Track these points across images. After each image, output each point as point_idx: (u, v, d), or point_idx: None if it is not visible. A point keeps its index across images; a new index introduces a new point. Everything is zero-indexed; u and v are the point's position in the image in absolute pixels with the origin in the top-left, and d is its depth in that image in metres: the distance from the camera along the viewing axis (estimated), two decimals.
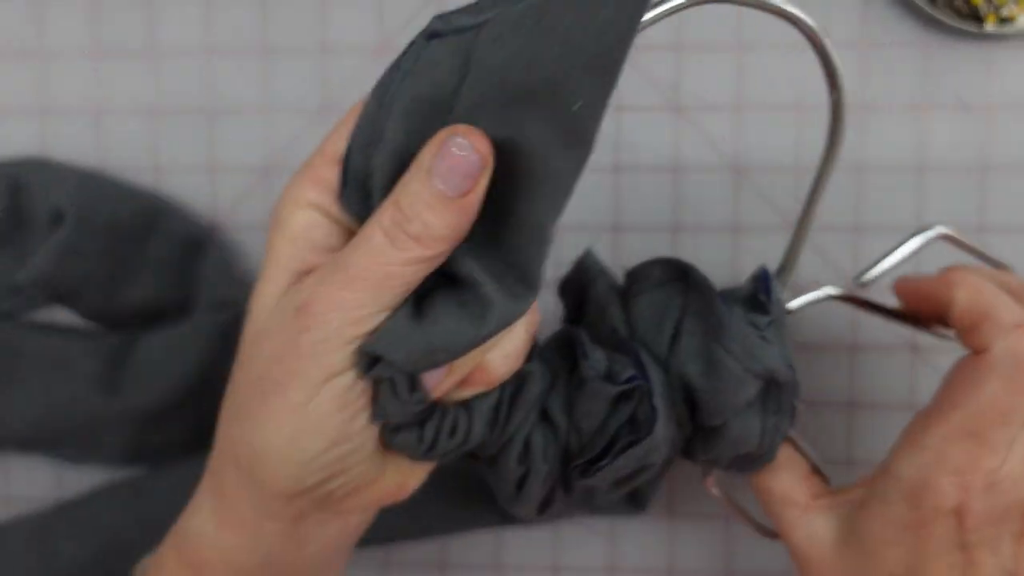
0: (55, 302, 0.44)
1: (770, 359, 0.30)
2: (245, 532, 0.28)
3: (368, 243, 0.25)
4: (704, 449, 0.32)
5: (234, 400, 0.28)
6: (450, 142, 0.24)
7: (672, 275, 0.32)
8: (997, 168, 0.43)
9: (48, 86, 0.46)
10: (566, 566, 0.46)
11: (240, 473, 0.27)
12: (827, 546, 0.32)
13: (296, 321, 0.25)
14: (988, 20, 0.41)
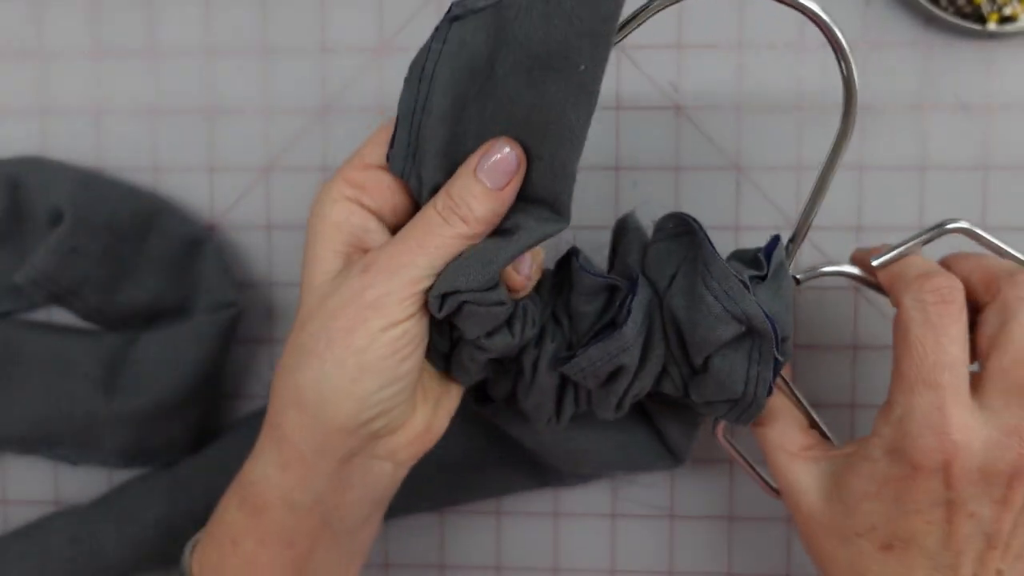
0: (54, 302, 0.44)
1: (747, 304, 0.32)
2: (303, 470, 0.32)
3: (425, 220, 0.31)
4: (697, 391, 0.35)
5: (297, 353, 0.32)
6: (494, 147, 0.31)
7: (682, 228, 0.36)
8: (997, 168, 0.43)
9: (48, 86, 0.46)
10: (566, 567, 0.46)
11: (303, 414, 0.32)
12: (813, 495, 0.35)
13: (361, 279, 0.31)
14: (990, 19, 0.41)
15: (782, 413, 0.37)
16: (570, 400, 0.36)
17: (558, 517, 0.46)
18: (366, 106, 0.45)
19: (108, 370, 0.44)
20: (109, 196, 0.43)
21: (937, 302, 0.32)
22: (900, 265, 0.34)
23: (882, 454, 0.32)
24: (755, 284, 0.34)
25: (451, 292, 0.31)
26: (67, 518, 0.44)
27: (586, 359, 0.34)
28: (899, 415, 0.32)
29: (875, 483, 0.33)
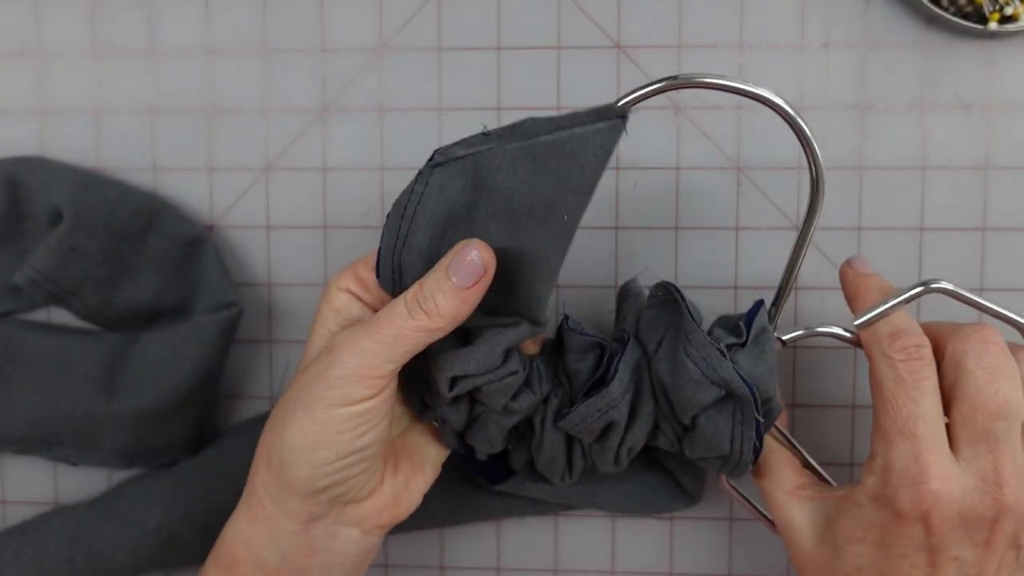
0: (53, 302, 0.44)
1: (723, 370, 0.34)
2: (267, 528, 0.35)
3: (392, 309, 0.33)
4: (689, 447, 0.37)
5: (277, 415, 0.35)
6: (466, 250, 0.33)
7: (668, 296, 0.37)
8: (997, 168, 0.42)
9: (48, 86, 0.46)
10: (566, 568, 0.46)
11: (269, 471, 0.34)
12: (806, 534, 0.37)
13: (326, 358, 0.33)
14: (991, 19, 0.40)
15: (777, 455, 0.39)
16: (578, 455, 0.38)
17: (558, 518, 0.46)
18: (366, 106, 0.45)
19: (108, 370, 0.44)
20: (109, 196, 0.43)
21: (905, 359, 0.34)
22: (877, 324, 0.36)
23: (867, 501, 0.34)
24: (735, 350, 0.36)
25: (462, 376, 0.34)
26: (65, 517, 0.44)
27: (578, 415, 0.36)
28: (880, 465, 0.34)
29: (861, 528, 0.34)
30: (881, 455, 0.34)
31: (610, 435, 0.37)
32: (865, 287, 0.37)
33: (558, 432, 0.37)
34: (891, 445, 0.33)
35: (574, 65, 0.44)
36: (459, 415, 0.36)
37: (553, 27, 0.44)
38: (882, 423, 0.34)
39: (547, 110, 0.44)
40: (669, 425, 0.37)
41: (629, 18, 0.43)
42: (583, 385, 0.37)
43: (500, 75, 0.44)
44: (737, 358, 0.35)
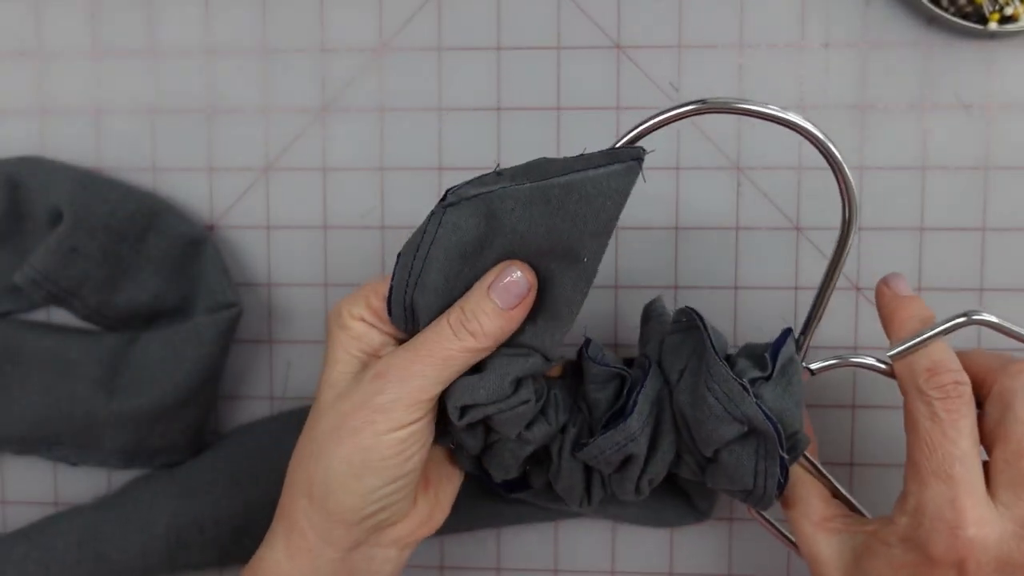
0: (53, 302, 0.44)
1: (746, 407, 0.33)
2: (309, 559, 0.34)
3: (437, 332, 0.33)
4: (712, 479, 0.36)
5: (311, 445, 0.34)
6: (508, 271, 0.33)
7: (691, 323, 0.36)
8: (997, 168, 0.42)
9: (48, 86, 0.46)
10: (566, 568, 0.46)
11: (312, 504, 0.34)
12: (833, 568, 0.36)
13: (372, 384, 0.33)
14: (991, 19, 0.40)
15: (805, 484, 0.38)
16: (597, 483, 0.37)
17: (558, 518, 0.45)
18: (366, 106, 0.45)
19: (108, 370, 0.44)
20: (108, 196, 0.43)
21: (943, 397, 0.33)
22: (913, 357, 0.34)
23: (897, 541, 0.33)
24: (760, 384, 0.34)
25: (471, 405, 0.34)
26: (72, 520, 0.44)
27: (596, 448, 0.35)
28: (913, 506, 0.33)
29: (891, 568, 0.33)
30: (914, 495, 0.33)
31: (629, 467, 0.36)
32: (902, 314, 0.36)
33: (576, 461, 0.37)
34: (925, 486, 0.32)
35: (574, 65, 0.44)
36: (475, 441, 0.36)
37: (553, 27, 0.44)
38: (916, 461, 0.33)
39: (547, 110, 0.44)
40: (691, 456, 0.36)
41: (629, 18, 0.43)
42: (603, 415, 0.36)
43: (500, 75, 0.44)
44: (762, 392, 0.34)
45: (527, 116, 0.44)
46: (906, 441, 0.34)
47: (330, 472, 0.33)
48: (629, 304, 0.44)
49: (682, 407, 0.35)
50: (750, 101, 0.33)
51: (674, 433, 0.36)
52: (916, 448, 0.33)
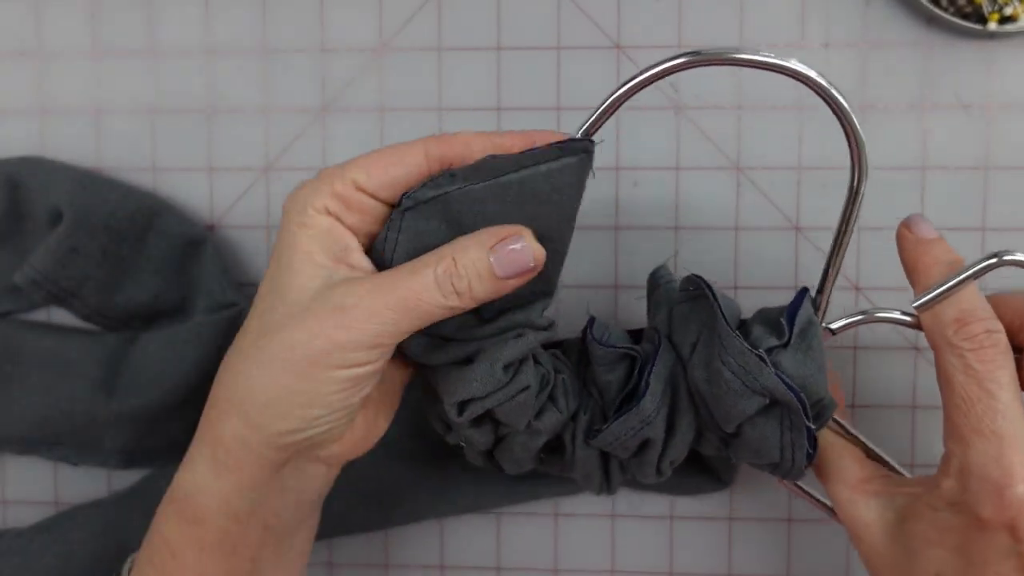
0: (53, 302, 0.44)
1: (765, 378, 0.31)
2: (240, 476, 0.32)
3: (419, 280, 0.30)
4: (736, 454, 0.35)
5: (248, 362, 0.32)
6: (518, 239, 0.30)
7: (699, 291, 0.34)
8: (997, 168, 0.42)
9: (48, 86, 0.46)
10: (566, 567, 0.46)
11: (246, 423, 0.31)
12: (875, 532, 0.34)
13: (333, 317, 0.30)
14: (991, 19, 0.41)
15: (836, 447, 0.36)
16: (616, 468, 0.36)
17: (558, 518, 0.46)
18: (366, 106, 0.45)
19: (108, 370, 0.44)
20: (108, 196, 0.43)
21: (975, 348, 0.30)
22: (939, 307, 0.32)
23: (944, 505, 0.31)
24: (778, 351, 0.32)
25: (468, 400, 0.32)
26: (90, 513, 0.44)
27: (610, 434, 0.34)
28: (957, 467, 0.31)
29: (937, 532, 0.31)
30: (957, 456, 0.31)
31: (648, 451, 0.34)
32: (926, 259, 0.33)
33: (591, 449, 0.35)
34: (967, 445, 0.30)
35: (574, 65, 0.44)
36: (484, 437, 0.34)
37: (553, 27, 0.44)
38: (955, 421, 0.31)
39: (547, 110, 0.44)
40: (713, 433, 0.35)
41: (629, 18, 0.43)
42: (615, 397, 0.34)
43: (500, 75, 0.44)
44: (780, 359, 0.32)
45: (527, 116, 0.44)
46: (941, 399, 0.31)
47: (273, 399, 0.31)
48: (629, 304, 0.44)
49: (697, 383, 0.33)
50: (745, 50, 0.32)
51: (692, 411, 0.34)
52: (952, 405, 0.31)
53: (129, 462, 0.45)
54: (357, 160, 0.32)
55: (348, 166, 0.32)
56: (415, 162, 0.32)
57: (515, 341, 0.32)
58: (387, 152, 0.32)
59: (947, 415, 0.31)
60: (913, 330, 0.34)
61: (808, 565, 0.44)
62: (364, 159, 0.32)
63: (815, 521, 0.44)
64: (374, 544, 0.46)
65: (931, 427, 0.43)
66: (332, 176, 0.31)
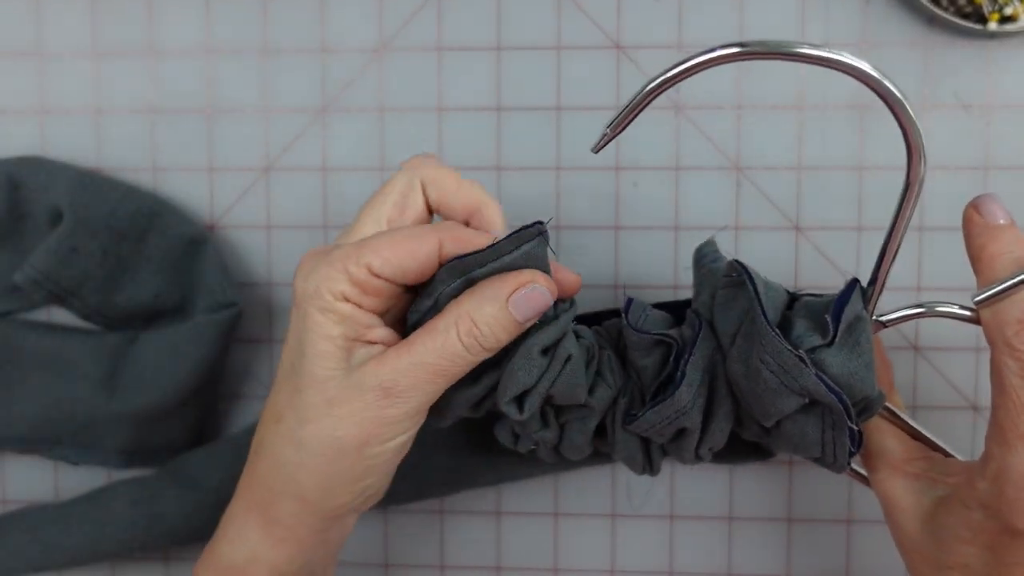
0: (54, 302, 0.44)
1: (805, 379, 0.30)
2: (292, 546, 0.34)
3: (443, 346, 0.31)
4: (775, 445, 0.34)
5: (297, 449, 0.33)
6: (533, 287, 0.32)
7: (741, 279, 0.33)
8: (997, 168, 0.42)
9: (48, 86, 0.46)
10: (566, 567, 0.46)
11: (302, 505, 0.33)
12: (909, 517, 0.33)
13: (382, 401, 0.31)
14: (991, 19, 0.41)
15: (880, 429, 0.35)
16: (657, 451, 0.36)
17: (558, 517, 0.46)
18: (366, 106, 0.45)
19: (108, 370, 0.44)
20: (109, 196, 0.43)
21: None
22: (1002, 304, 0.30)
23: (977, 505, 0.30)
24: (822, 350, 0.31)
25: (523, 394, 0.33)
26: (128, 484, 0.44)
27: (645, 421, 0.33)
28: (995, 471, 0.30)
29: (969, 531, 0.31)
30: (996, 459, 0.29)
31: (684, 439, 0.34)
32: (992, 249, 0.31)
33: (630, 433, 0.35)
34: (1010, 450, 0.29)
35: (574, 65, 0.44)
36: (551, 431, 0.35)
37: (553, 27, 0.44)
38: (1002, 423, 0.29)
39: (547, 110, 0.44)
40: (752, 422, 0.34)
41: (629, 18, 0.43)
42: (651, 382, 0.34)
43: (500, 75, 0.44)
44: (824, 358, 0.31)
45: (527, 116, 0.44)
46: (991, 397, 0.30)
47: (329, 483, 0.33)
48: None
49: (736, 377, 0.33)
50: (797, 44, 0.29)
51: (731, 400, 0.34)
52: (1002, 407, 0.29)
53: (129, 462, 0.45)
54: (372, 244, 0.32)
55: (363, 251, 0.32)
56: (427, 258, 0.32)
57: (547, 326, 0.33)
58: (403, 243, 0.32)
59: (995, 416, 0.30)
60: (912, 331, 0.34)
61: (808, 565, 0.44)
62: (379, 244, 0.32)
63: (815, 521, 0.44)
64: (374, 544, 0.46)
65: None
66: (346, 259, 0.32)
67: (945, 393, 0.43)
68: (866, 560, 0.44)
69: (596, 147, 0.32)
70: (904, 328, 0.43)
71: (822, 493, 0.44)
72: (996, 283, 0.30)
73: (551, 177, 0.44)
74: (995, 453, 0.30)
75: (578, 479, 0.45)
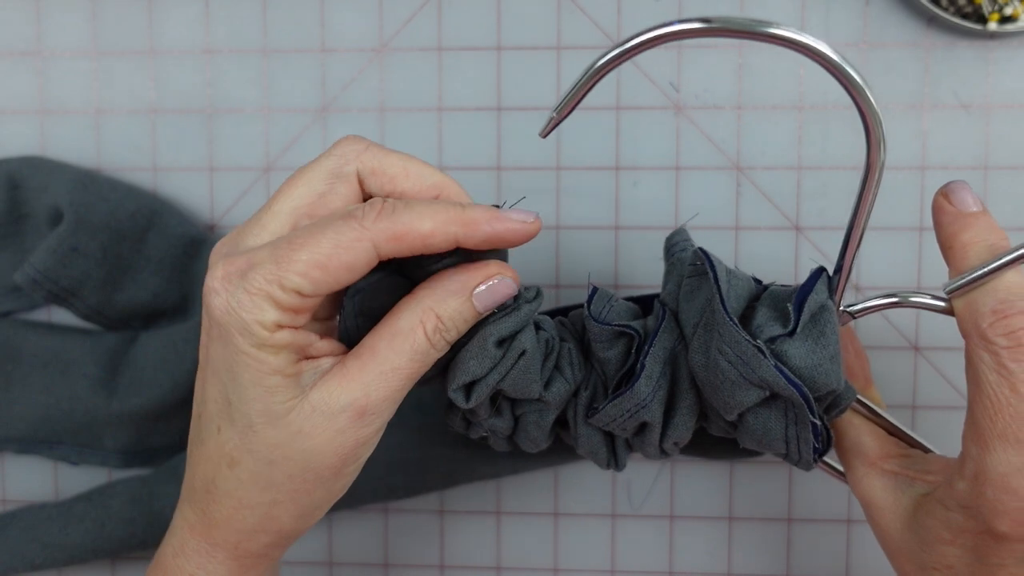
0: (54, 302, 0.44)
1: (764, 371, 0.29)
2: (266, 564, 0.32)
3: (412, 348, 0.29)
4: (741, 440, 0.33)
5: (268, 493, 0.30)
6: (500, 278, 0.30)
7: (702, 268, 0.32)
8: (997, 168, 0.42)
9: (48, 86, 0.46)
10: (566, 567, 0.46)
11: (280, 536, 0.31)
12: (890, 517, 0.32)
13: (357, 420, 0.29)
14: (991, 19, 0.41)
15: (854, 425, 0.34)
16: (622, 445, 0.35)
17: (558, 517, 0.46)
18: (366, 106, 0.45)
19: (108, 370, 0.44)
20: (109, 196, 0.43)
21: (1012, 346, 0.27)
22: (976, 293, 0.28)
23: (957, 506, 0.29)
24: (784, 340, 0.30)
25: (471, 382, 0.31)
26: (129, 483, 0.44)
27: (606, 415, 0.32)
28: (972, 471, 0.28)
29: (950, 532, 0.29)
30: (974, 459, 0.28)
31: (647, 433, 0.33)
32: (963, 237, 0.29)
33: (593, 428, 0.34)
34: (987, 450, 0.27)
35: (574, 65, 0.44)
36: (505, 421, 0.34)
37: (553, 27, 0.44)
38: (978, 421, 0.28)
39: (547, 110, 0.44)
40: (718, 416, 0.33)
41: (629, 18, 0.43)
42: (614, 374, 0.33)
43: (500, 75, 0.44)
44: (786, 349, 0.30)
45: (527, 116, 0.44)
46: (967, 394, 0.29)
47: (308, 509, 0.30)
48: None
49: (696, 369, 0.31)
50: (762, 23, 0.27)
51: (694, 393, 0.32)
52: (978, 404, 0.28)
53: (129, 462, 0.45)
54: (293, 263, 0.27)
55: (288, 272, 0.27)
56: (365, 267, 0.28)
57: (507, 316, 0.31)
58: (332, 256, 0.27)
59: (971, 413, 0.29)
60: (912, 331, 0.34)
61: (808, 565, 0.44)
62: (306, 262, 0.27)
63: (815, 521, 0.44)
64: (374, 544, 0.46)
65: (932, 429, 0.44)
66: (269, 286, 0.27)
67: (945, 393, 0.43)
68: (866, 560, 0.44)
69: (544, 131, 0.30)
70: (904, 328, 0.43)
71: (822, 493, 0.44)
72: (969, 271, 0.28)
73: (551, 177, 0.44)
74: (972, 453, 0.28)
75: (578, 479, 0.45)
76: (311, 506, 0.30)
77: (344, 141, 0.31)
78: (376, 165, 0.31)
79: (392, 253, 0.28)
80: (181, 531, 0.32)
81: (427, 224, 0.28)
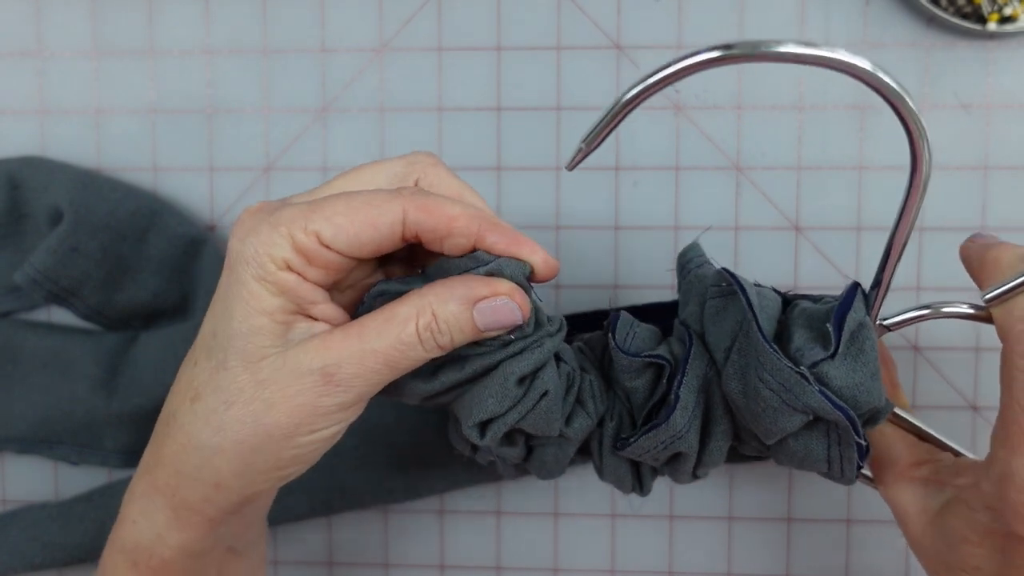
0: (54, 302, 0.44)
1: (808, 397, 0.29)
2: (208, 527, 0.31)
3: (399, 336, 0.29)
4: (778, 459, 0.33)
5: (216, 438, 0.29)
6: (505, 300, 0.29)
7: (732, 289, 0.32)
8: (997, 168, 0.43)
9: (48, 86, 0.46)
10: (566, 567, 0.46)
11: (217, 489, 0.30)
12: (918, 522, 0.32)
13: (321, 386, 0.28)
14: (990, 19, 0.41)
15: (885, 433, 0.34)
16: (648, 472, 0.34)
17: (558, 517, 0.46)
18: (366, 106, 0.45)
19: (108, 370, 0.44)
20: (109, 196, 0.43)
21: None
22: (1014, 301, 0.29)
23: (982, 507, 0.30)
24: (825, 363, 0.29)
25: (488, 420, 0.30)
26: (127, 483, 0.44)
27: (639, 448, 0.32)
28: (999, 473, 0.29)
29: (976, 533, 0.30)
30: (1001, 461, 0.28)
31: (681, 462, 0.32)
32: (994, 252, 0.30)
33: (617, 456, 0.33)
34: (1014, 453, 0.28)
35: (574, 65, 0.44)
36: (516, 450, 0.33)
37: (553, 27, 0.44)
38: (1008, 424, 0.28)
39: (547, 110, 0.44)
40: (752, 437, 0.32)
41: (629, 18, 0.43)
42: (643, 403, 0.32)
43: (500, 75, 0.44)
44: (827, 371, 0.29)
45: (527, 116, 0.44)
46: (1000, 396, 0.29)
47: (250, 469, 0.29)
48: (629, 304, 0.44)
49: (733, 396, 0.31)
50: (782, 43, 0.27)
51: (728, 418, 0.32)
52: (1009, 408, 0.28)
53: (129, 462, 0.45)
54: (325, 207, 0.28)
55: (314, 215, 0.28)
56: (390, 231, 0.29)
57: (529, 353, 0.30)
58: (360, 209, 0.28)
59: (1002, 417, 0.29)
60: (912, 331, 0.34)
61: (808, 565, 0.44)
62: (332, 208, 0.28)
63: (815, 521, 0.44)
64: (374, 544, 0.46)
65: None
66: (292, 223, 0.28)
67: (945, 393, 0.43)
68: (866, 560, 0.44)
69: (571, 164, 0.30)
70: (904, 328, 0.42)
71: (822, 493, 0.44)
72: (1006, 280, 0.29)
73: (551, 177, 0.44)
74: (1000, 455, 0.29)
75: (578, 479, 0.45)
76: (252, 468, 0.29)
77: (420, 152, 0.32)
78: (436, 182, 0.32)
79: (418, 223, 0.29)
80: (135, 476, 0.32)
81: (456, 208, 0.29)
